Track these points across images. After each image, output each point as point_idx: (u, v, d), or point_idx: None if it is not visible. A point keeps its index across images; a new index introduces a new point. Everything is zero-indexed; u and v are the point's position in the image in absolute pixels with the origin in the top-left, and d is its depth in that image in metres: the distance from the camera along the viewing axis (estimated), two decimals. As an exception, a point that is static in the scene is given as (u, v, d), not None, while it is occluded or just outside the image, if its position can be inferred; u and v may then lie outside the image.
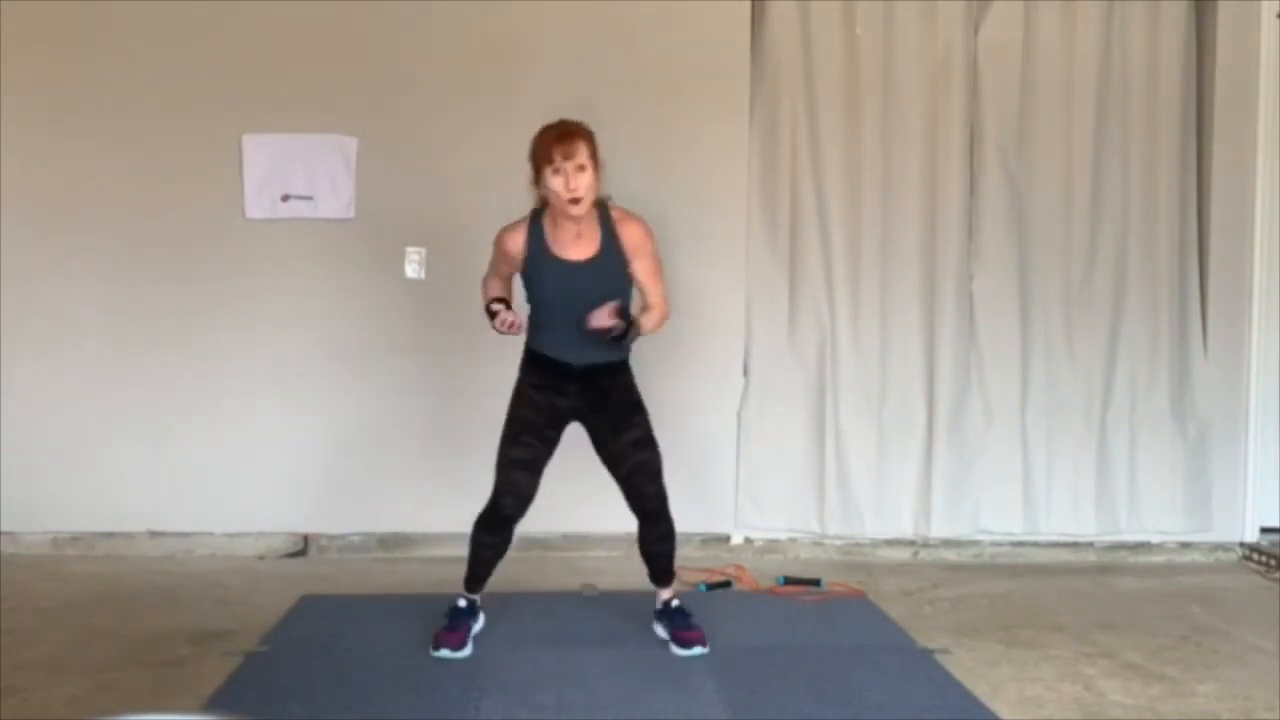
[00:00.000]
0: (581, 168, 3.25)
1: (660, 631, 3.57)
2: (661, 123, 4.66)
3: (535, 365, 3.45)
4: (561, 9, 4.69)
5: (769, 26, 4.75)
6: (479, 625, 3.54)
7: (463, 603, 3.52)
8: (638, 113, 4.64)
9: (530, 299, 3.46)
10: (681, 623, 3.50)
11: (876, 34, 4.73)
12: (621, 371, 3.49)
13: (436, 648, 3.38)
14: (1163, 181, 4.82)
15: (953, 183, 4.75)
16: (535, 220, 3.40)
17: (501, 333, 3.32)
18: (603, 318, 3.22)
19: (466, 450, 4.56)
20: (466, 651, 3.40)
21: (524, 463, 3.38)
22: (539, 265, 3.36)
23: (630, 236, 3.37)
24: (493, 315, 3.32)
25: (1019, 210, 4.80)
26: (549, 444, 3.43)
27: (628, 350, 3.48)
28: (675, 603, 3.56)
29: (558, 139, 3.25)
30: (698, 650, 3.41)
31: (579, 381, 3.41)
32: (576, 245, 3.36)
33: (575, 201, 3.26)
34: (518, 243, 3.36)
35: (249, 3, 4.61)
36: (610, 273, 3.37)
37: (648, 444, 3.45)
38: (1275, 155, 4.80)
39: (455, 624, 3.46)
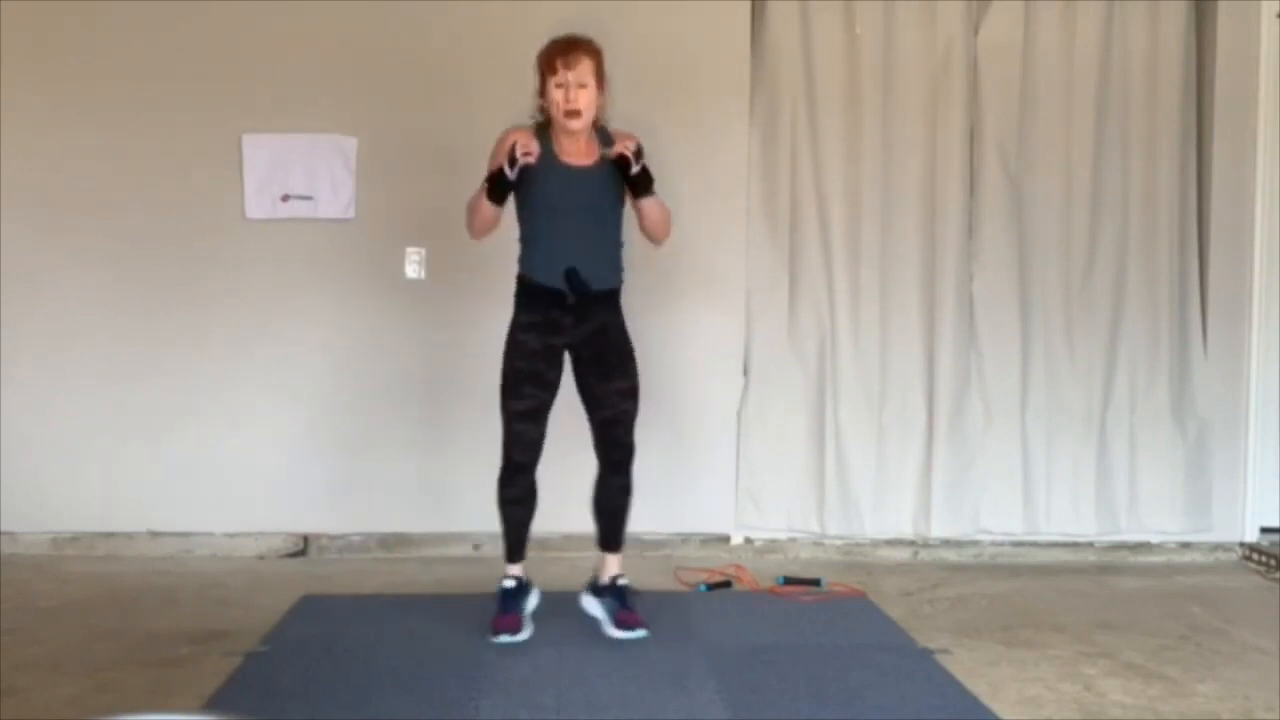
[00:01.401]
0: (583, 84, 3.33)
1: (595, 609, 3.56)
2: (661, 123, 4.64)
3: (527, 301, 3.45)
4: (561, 9, 4.67)
5: (769, 26, 4.75)
6: (534, 603, 3.55)
7: (510, 583, 3.53)
8: (637, 113, 4.60)
9: (526, 212, 3.44)
10: (624, 604, 3.51)
11: (876, 34, 4.73)
12: (614, 307, 3.50)
13: (495, 634, 3.39)
14: (1163, 181, 4.82)
15: (953, 183, 4.75)
16: (539, 134, 3.42)
17: (520, 161, 3.25)
18: (616, 149, 3.29)
19: (467, 450, 4.57)
20: (526, 634, 3.42)
21: (526, 413, 3.41)
22: (540, 167, 3.34)
23: (625, 144, 3.39)
24: (510, 163, 3.25)
25: (1019, 210, 4.80)
26: (549, 388, 3.44)
27: (619, 278, 3.49)
28: (623, 580, 3.57)
29: (563, 50, 3.35)
30: (640, 633, 3.42)
31: (573, 314, 3.41)
32: (577, 155, 3.40)
33: (573, 114, 3.31)
34: (531, 141, 3.33)
35: (250, 3, 4.61)
36: (609, 182, 3.40)
37: (633, 394, 3.49)
38: (1275, 155, 4.80)
39: (507, 607, 3.48)
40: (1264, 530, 4.87)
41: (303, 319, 4.68)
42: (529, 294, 3.47)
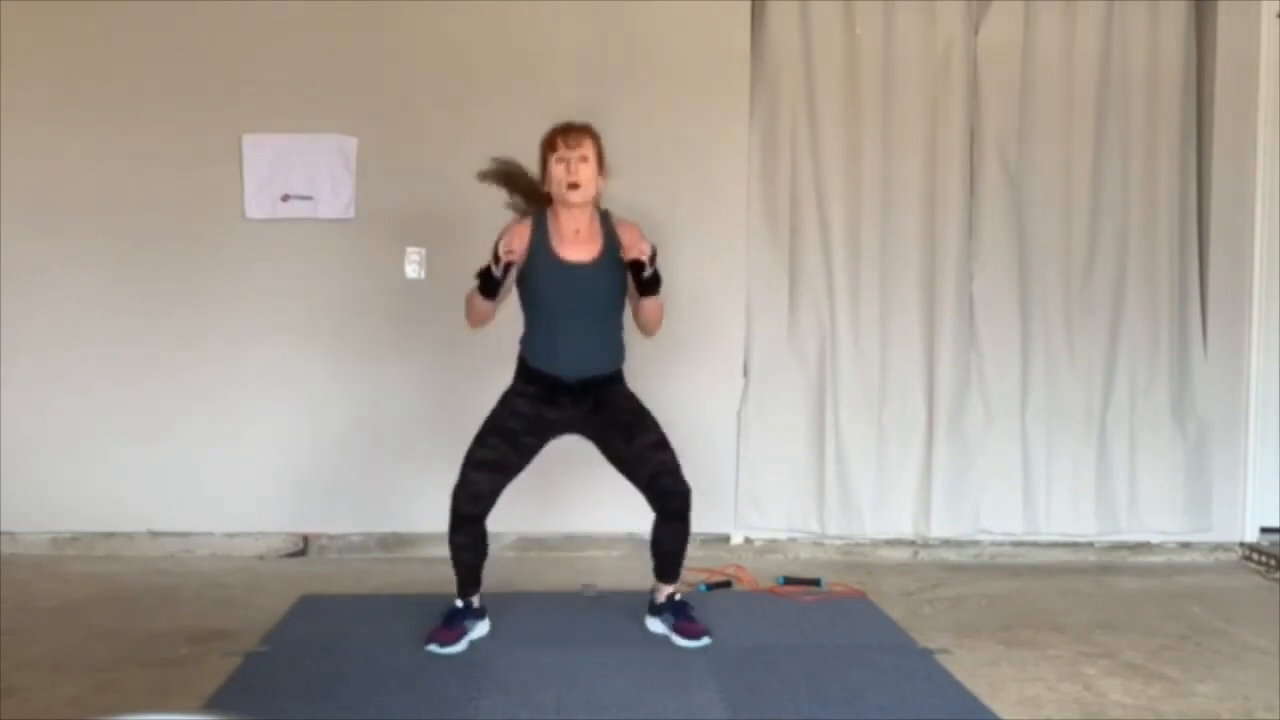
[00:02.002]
0: (584, 159, 3.35)
1: (657, 626, 3.57)
2: (661, 123, 4.66)
3: (529, 379, 3.47)
4: (561, 9, 4.69)
5: (769, 26, 4.75)
6: (480, 631, 3.52)
7: (459, 603, 3.51)
8: (637, 113, 4.64)
9: (526, 305, 3.46)
10: (686, 615, 3.53)
11: (876, 34, 4.74)
12: (616, 381, 3.51)
13: (427, 641, 3.40)
14: (1163, 181, 4.83)
15: (953, 182, 4.75)
16: (539, 219, 3.42)
17: (504, 260, 3.25)
18: (628, 251, 3.28)
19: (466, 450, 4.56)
20: (458, 648, 3.39)
21: (485, 463, 3.40)
22: (540, 262, 3.37)
23: (630, 241, 3.39)
24: (495, 261, 3.27)
25: (1019, 210, 4.80)
26: (522, 452, 3.43)
27: (620, 360, 3.51)
28: (679, 596, 3.59)
29: (563, 130, 3.39)
30: (704, 641, 3.44)
31: (572, 395, 3.42)
32: (577, 246, 3.39)
33: (574, 186, 3.31)
34: (522, 237, 3.36)
35: (250, 3, 4.61)
36: (610, 277, 3.41)
37: (665, 445, 3.50)
38: (1275, 155, 4.80)
39: (449, 623, 3.46)
40: (1264, 530, 4.87)
41: (303, 319, 4.68)
42: (529, 374, 3.47)
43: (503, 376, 3.52)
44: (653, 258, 3.30)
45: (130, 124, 4.61)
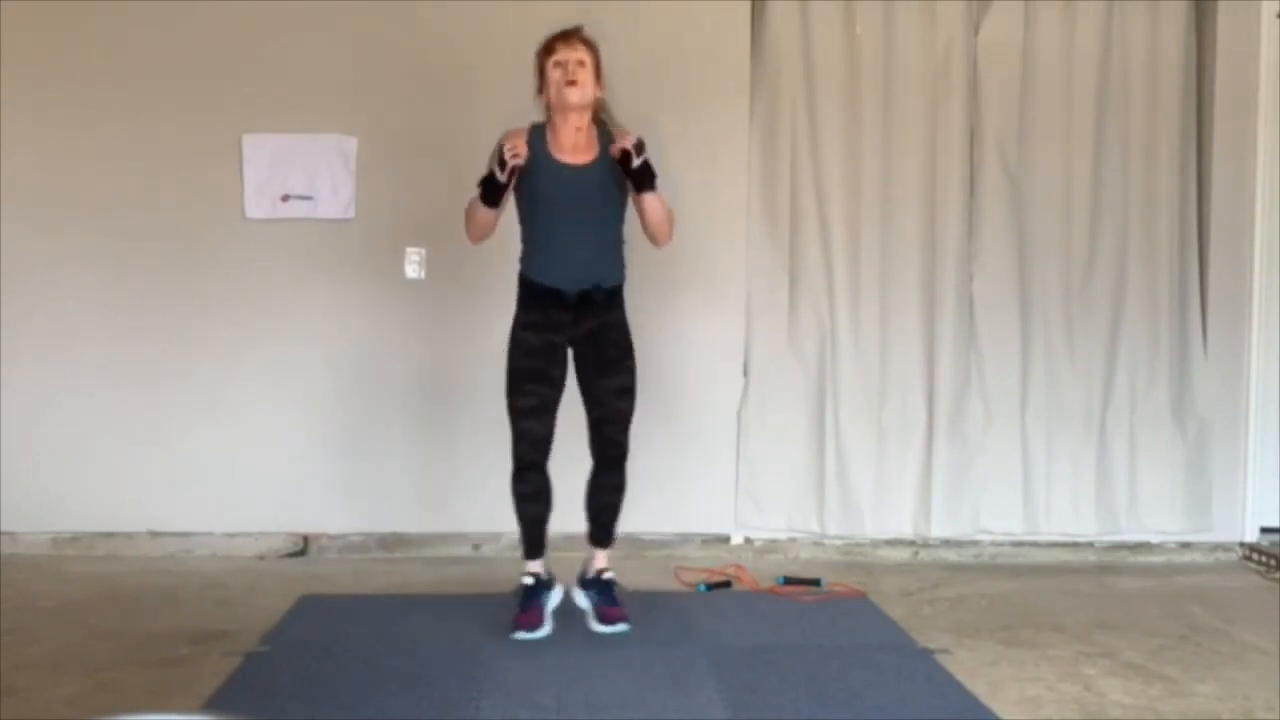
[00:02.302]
0: (582, 62, 3.36)
1: (582, 600, 3.55)
2: (661, 123, 4.64)
3: (529, 300, 3.46)
4: (562, 9, 4.65)
5: (769, 26, 4.75)
6: (556, 599, 3.54)
7: (528, 580, 3.52)
8: (637, 113, 4.61)
9: (525, 214, 3.45)
10: (610, 598, 3.52)
11: (876, 34, 4.74)
12: (616, 305, 3.50)
13: (513, 631, 3.39)
14: (1163, 181, 4.83)
15: (953, 183, 4.75)
16: (537, 130, 3.43)
17: (510, 164, 3.25)
18: (616, 149, 3.30)
19: (467, 450, 4.57)
20: (545, 630, 3.42)
21: (530, 410, 3.41)
22: (537, 167, 3.34)
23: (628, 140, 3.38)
24: (499, 165, 3.26)
25: (1019, 210, 4.80)
26: (554, 384, 3.45)
27: (621, 274, 3.50)
28: (609, 575, 3.57)
29: (561, 35, 3.41)
30: (621, 628, 3.43)
31: (573, 311, 3.42)
32: (575, 153, 3.40)
33: (571, 84, 3.31)
34: (520, 143, 3.33)
35: (250, 3, 4.61)
36: (607, 179, 3.40)
37: (628, 392, 3.49)
38: (1275, 155, 4.80)
39: (527, 604, 3.47)
40: (1264, 530, 4.87)
41: (303, 319, 4.68)
42: (529, 293, 3.47)
43: (503, 377, 3.52)
44: (640, 147, 3.29)
45: (130, 124, 4.61)
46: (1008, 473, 4.78)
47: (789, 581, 4.23)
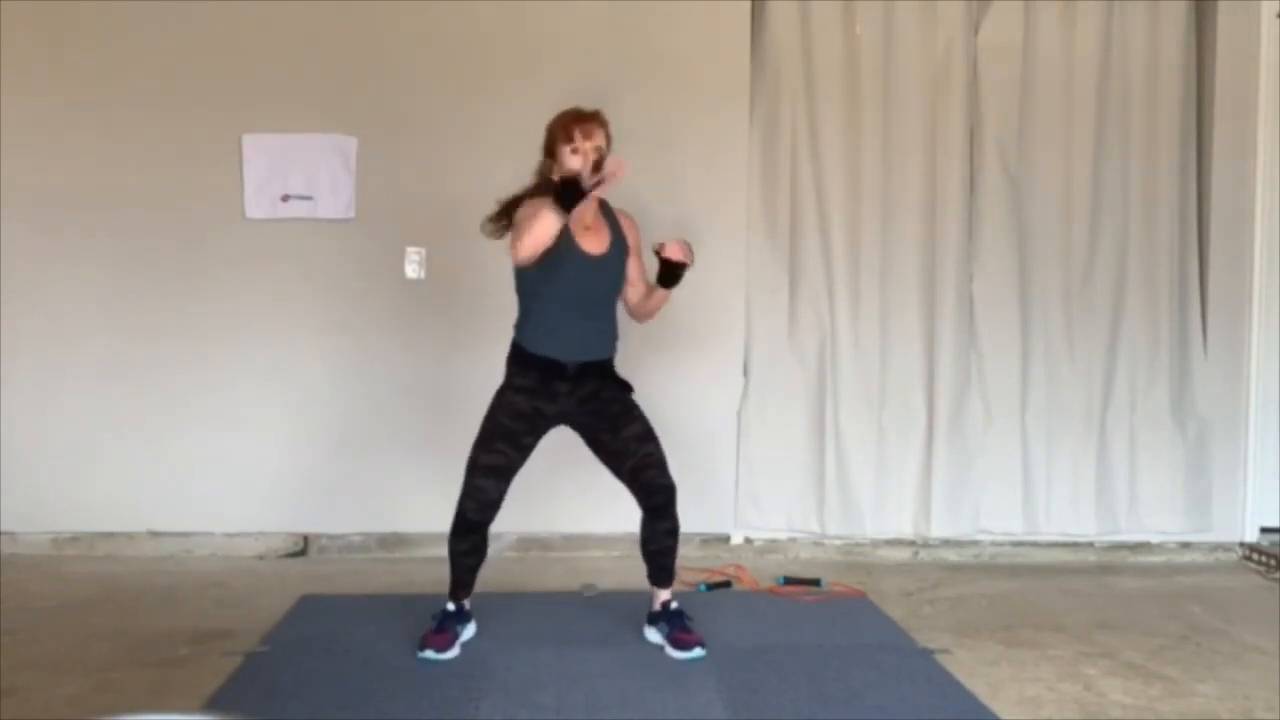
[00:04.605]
0: (600, 150, 3.31)
1: (654, 635, 3.53)
2: (661, 123, 4.66)
3: (524, 367, 3.41)
4: (562, 9, 4.69)
5: (769, 26, 4.75)
6: (469, 633, 3.50)
7: (451, 606, 3.48)
8: (638, 113, 4.62)
9: (536, 292, 3.39)
10: (680, 625, 3.49)
11: (876, 34, 4.74)
12: (610, 371, 3.49)
13: (422, 648, 3.36)
14: (1163, 182, 4.83)
15: (953, 183, 4.75)
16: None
17: (607, 182, 3.08)
18: (676, 250, 3.33)
19: (467, 450, 4.55)
20: (452, 654, 3.37)
21: (493, 469, 3.36)
22: (560, 252, 3.28)
23: (632, 234, 3.46)
24: (595, 169, 3.08)
25: (1019, 210, 4.80)
26: (524, 451, 3.41)
27: (616, 346, 3.50)
28: (674, 605, 3.55)
29: (578, 119, 3.34)
30: (697, 653, 3.39)
31: (570, 382, 3.39)
32: (588, 238, 3.38)
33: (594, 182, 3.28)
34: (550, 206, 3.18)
35: (250, 3, 4.61)
36: (619, 267, 3.43)
37: (651, 437, 3.45)
38: (1275, 155, 4.80)
39: (442, 626, 3.43)
40: (1264, 530, 4.87)
41: (303, 319, 4.68)
42: (525, 361, 3.41)
43: (501, 376, 3.51)
44: (689, 254, 3.35)
45: (130, 124, 4.61)
46: (1008, 473, 4.78)
47: (789, 581, 4.23)
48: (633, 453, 3.42)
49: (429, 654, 3.35)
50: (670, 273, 3.37)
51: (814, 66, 4.74)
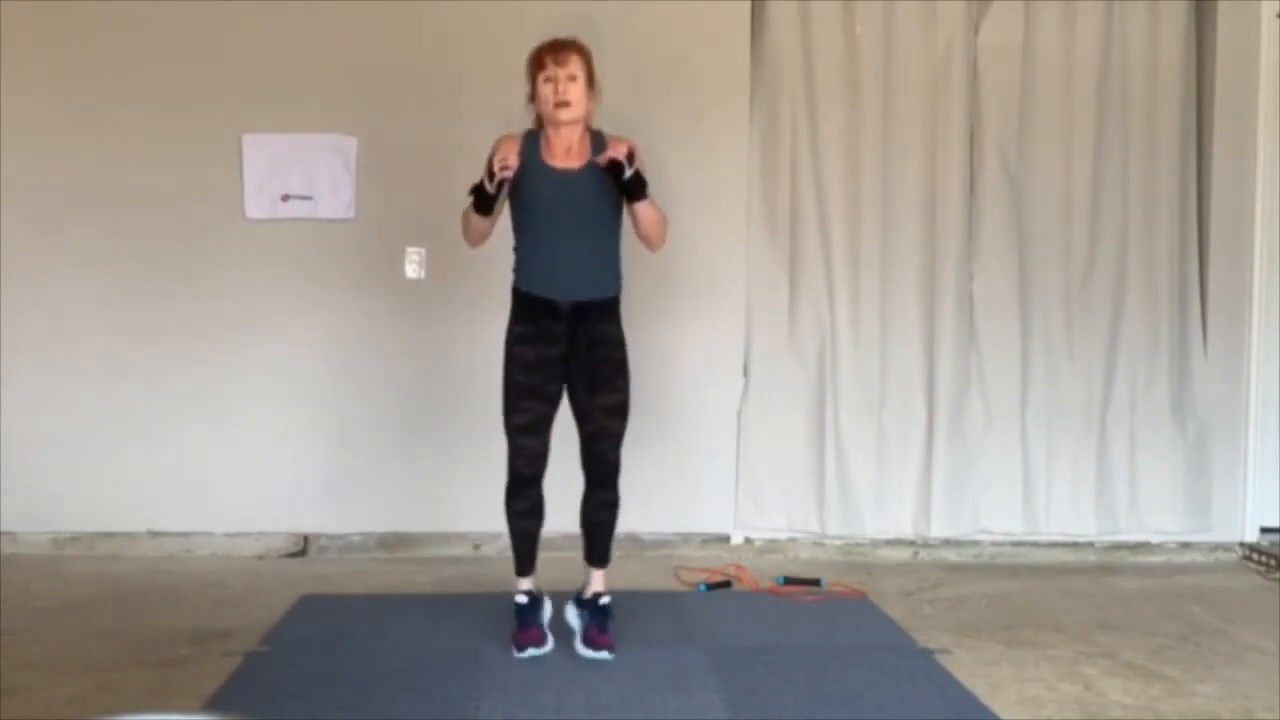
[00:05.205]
0: (573, 77, 3.33)
1: (573, 619, 3.51)
2: (661, 123, 4.65)
3: (522, 311, 3.41)
4: (561, 9, 4.68)
5: (769, 26, 4.75)
6: (548, 614, 3.50)
7: (522, 599, 3.48)
8: (637, 113, 4.63)
9: (518, 222, 3.41)
10: (601, 624, 3.45)
11: (876, 34, 4.73)
12: (610, 317, 3.44)
13: (520, 649, 3.36)
14: (1163, 181, 4.83)
15: (953, 183, 4.75)
16: (530, 138, 3.40)
17: (498, 176, 3.20)
18: (604, 157, 3.25)
19: (466, 450, 4.57)
20: (549, 646, 3.39)
21: (526, 426, 3.38)
22: (530, 174, 3.31)
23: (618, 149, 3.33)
24: (489, 177, 3.22)
25: (1019, 210, 4.80)
26: (550, 399, 3.41)
27: (617, 286, 3.45)
28: (605, 600, 3.51)
29: (551, 47, 3.38)
30: (604, 655, 3.36)
31: (567, 323, 3.37)
32: (568, 158, 3.37)
33: (562, 104, 3.29)
34: (515, 152, 3.28)
35: (250, 3, 4.61)
36: (600, 185, 3.34)
37: (621, 411, 3.43)
38: (1275, 155, 4.80)
39: (525, 622, 3.44)
40: (1264, 530, 4.87)
41: (303, 319, 4.68)
42: (522, 304, 3.42)
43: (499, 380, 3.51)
44: (630, 157, 3.24)
45: (130, 124, 4.61)
46: (1008, 473, 4.78)
47: (789, 581, 4.23)
48: (596, 420, 3.42)
49: (529, 651, 3.35)
50: (620, 183, 3.28)
51: (814, 66, 4.74)
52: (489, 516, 3.62)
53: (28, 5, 4.57)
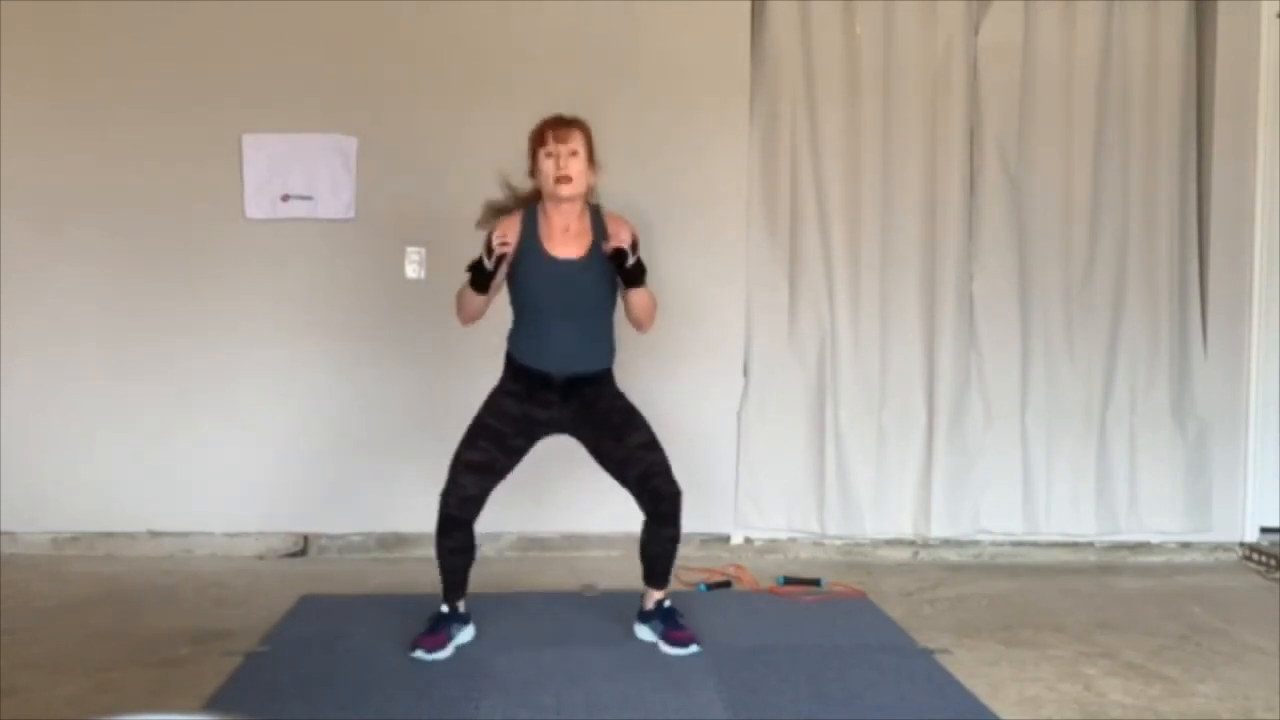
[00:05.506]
0: (574, 153, 3.33)
1: (646, 633, 3.53)
2: (661, 123, 4.66)
3: (515, 376, 3.44)
4: (561, 9, 4.69)
5: (769, 26, 4.75)
6: (466, 636, 3.49)
7: (445, 609, 3.47)
8: (637, 113, 4.64)
9: (515, 301, 3.45)
10: (674, 623, 3.49)
11: (876, 34, 4.73)
12: (605, 381, 3.48)
13: (412, 649, 3.35)
14: (1163, 181, 4.83)
15: (953, 183, 4.75)
16: (529, 215, 3.41)
17: (497, 253, 3.24)
18: (609, 245, 3.26)
19: (466, 450, 4.56)
20: (444, 654, 3.36)
21: (474, 465, 3.37)
22: (528, 258, 3.35)
23: (624, 236, 3.35)
24: (487, 254, 3.26)
25: (1019, 210, 4.80)
26: (511, 453, 3.41)
27: (610, 359, 3.49)
28: (668, 603, 3.55)
29: (553, 124, 3.37)
30: (693, 649, 3.40)
31: (560, 393, 3.40)
32: (566, 242, 3.38)
33: (563, 180, 3.30)
34: (514, 230, 3.34)
35: (250, 3, 4.61)
36: (599, 273, 3.37)
37: (656, 445, 3.45)
38: (1275, 155, 4.80)
39: (435, 627, 3.42)
40: (1264, 530, 4.87)
41: (303, 319, 4.68)
42: (516, 371, 3.45)
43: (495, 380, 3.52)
44: (634, 245, 3.27)
45: (130, 124, 4.61)
46: (1008, 473, 4.78)
47: (789, 581, 4.23)
48: (639, 460, 3.41)
49: (419, 653, 3.33)
50: (621, 267, 3.30)
51: (814, 66, 4.74)
52: (488, 516, 3.61)
53: (28, 5, 4.57)
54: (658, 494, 3.42)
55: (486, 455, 3.38)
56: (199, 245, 4.65)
